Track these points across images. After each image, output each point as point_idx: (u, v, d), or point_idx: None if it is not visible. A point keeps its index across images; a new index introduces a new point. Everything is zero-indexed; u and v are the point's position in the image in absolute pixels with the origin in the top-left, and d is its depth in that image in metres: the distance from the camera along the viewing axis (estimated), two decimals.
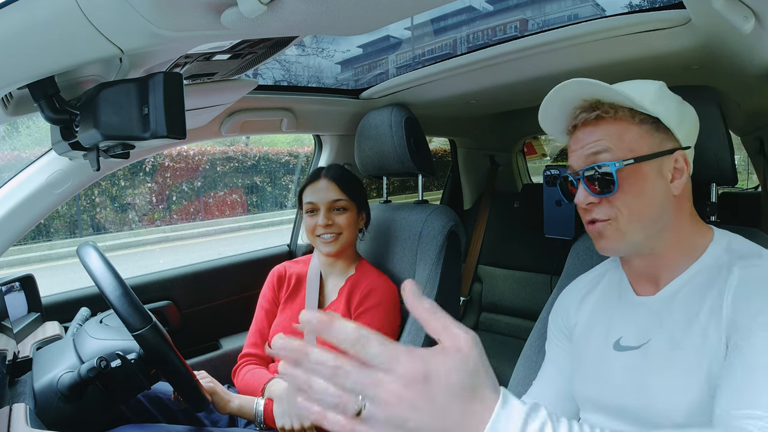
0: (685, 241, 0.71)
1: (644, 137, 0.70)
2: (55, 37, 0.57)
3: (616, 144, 0.69)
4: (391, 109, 1.43)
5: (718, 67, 1.10)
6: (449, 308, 1.27)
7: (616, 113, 0.70)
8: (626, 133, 0.70)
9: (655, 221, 0.69)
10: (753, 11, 0.77)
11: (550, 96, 0.74)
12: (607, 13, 1.28)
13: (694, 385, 0.63)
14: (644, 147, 0.69)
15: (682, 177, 0.70)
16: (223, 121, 1.43)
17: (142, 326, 0.83)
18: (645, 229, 0.69)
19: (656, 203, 0.69)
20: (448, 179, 2.60)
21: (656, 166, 0.69)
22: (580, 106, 0.73)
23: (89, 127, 0.67)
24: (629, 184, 0.68)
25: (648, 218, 0.69)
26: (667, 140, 0.70)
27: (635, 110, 0.70)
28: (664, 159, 0.69)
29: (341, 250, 1.27)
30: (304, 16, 0.62)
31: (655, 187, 0.69)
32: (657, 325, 0.70)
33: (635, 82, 0.74)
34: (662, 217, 0.69)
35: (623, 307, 0.77)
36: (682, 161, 0.70)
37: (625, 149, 0.69)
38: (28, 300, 1.21)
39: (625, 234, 0.69)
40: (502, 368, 1.71)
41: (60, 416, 0.85)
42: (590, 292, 0.85)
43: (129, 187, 7.11)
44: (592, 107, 0.72)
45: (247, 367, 1.24)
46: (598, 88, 0.69)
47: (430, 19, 16.40)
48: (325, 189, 1.26)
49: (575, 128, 0.75)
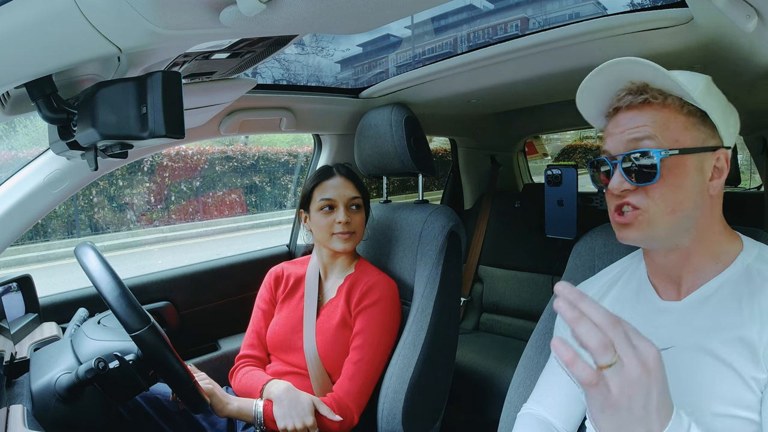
0: (713, 244, 0.70)
1: (690, 129, 0.67)
2: (52, 35, 0.57)
3: (662, 132, 0.66)
4: (391, 108, 1.43)
5: (721, 66, 1.10)
6: (450, 309, 1.27)
7: (665, 100, 0.67)
8: (673, 123, 0.67)
9: (687, 217, 0.67)
10: (756, 10, 0.76)
11: (594, 73, 0.71)
12: (609, 11, 1.28)
13: (726, 386, 0.62)
14: (689, 139, 0.67)
15: (721, 177, 0.68)
16: (221, 120, 1.43)
17: (140, 327, 0.82)
18: (675, 223, 0.67)
19: (692, 199, 0.67)
20: (448, 179, 2.59)
21: (698, 161, 0.67)
22: (627, 88, 0.70)
23: (87, 127, 0.66)
24: (671, 175, 0.65)
25: (681, 213, 0.67)
26: (711, 137, 0.68)
27: (684, 101, 0.67)
28: (706, 155, 0.67)
29: (352, 249, 1.27)
30: (304, 14, 0.62)
31: (695, 182, 0.67)
32: (682, 331, 0.68)
33: (684, 73, 0.71)
34: (694, 214, 0.67)
35: (645, 310, 0.75)
36: (723, 160, 0.68)
37: (671, 139, 0.66)
38: (25, 300, 1.21)
39: (653, 226, 0.67)
40: (503, 369, 1.72)
41: (57, 418, 0.84)
42: (606, 294, 0.83)
43: (127, 187, 7.10)
44: (639, 90, 0.68)
45: (244, 368, 1.23)
46: (652, 70, 0.66)
47: (431, 17, 16.41)
48: (343, 186, 1.25)
49: (617, 111, 0.71)
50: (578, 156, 12.25)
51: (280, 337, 1.24)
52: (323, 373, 1.18)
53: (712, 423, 0.62)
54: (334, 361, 1.18)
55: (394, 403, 1.15)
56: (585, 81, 0.73)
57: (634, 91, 0.69)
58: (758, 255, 0.69)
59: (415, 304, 1.26)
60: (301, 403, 1.06)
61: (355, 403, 1.12)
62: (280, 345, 1.24)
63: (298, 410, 1.05)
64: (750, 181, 2.32)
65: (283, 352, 1.24)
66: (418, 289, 1.27)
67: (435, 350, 1.21)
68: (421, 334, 1.20)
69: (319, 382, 1.17)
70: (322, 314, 1.25)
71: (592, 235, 1.03)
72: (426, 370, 1.19)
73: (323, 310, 1.25)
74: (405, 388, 1.15)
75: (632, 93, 0.69)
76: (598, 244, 1.00)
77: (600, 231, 1.02)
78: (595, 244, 1.00)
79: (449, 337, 1.28)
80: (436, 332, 1.21)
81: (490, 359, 1.80)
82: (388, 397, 1.16)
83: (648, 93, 0.68)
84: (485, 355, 1.85)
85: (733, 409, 0.61)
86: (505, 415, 0.99)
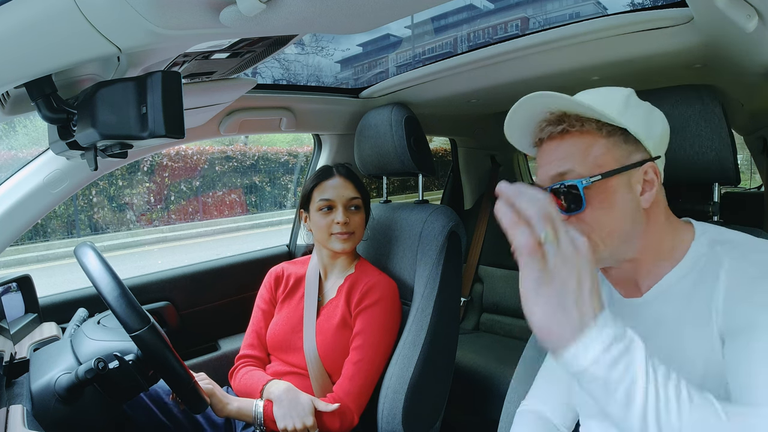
0: (660, 246, 0.70)
1: (611, 150, 0.67)
2: (52, 35, 0.57)
3: (582, 160, 0.67)
4: (391, 108, 1.42)
5: (721, 66, 1.10)
6: (450, 309, 1.27)
7: (582, 126, 0.68)
8: (593, 147, 0.67)
9: (626, 234, 0.68)
10: (756, 9, 0.76)
11: (514, 109, 0.72)
12: (609, 11, 1.28)
13: (694, 373, 0.62)
14: (611, 161, 0.67)
15: (652, 189, 0.68)
16: (221, 120, 1.43)
17: (140, 327, 0.82)
18: (615, 243, 0.68)
19: (627, 216, 0.67)
20: (448, 179, 2.59)
21: (625, 179, 0.67)
22: (547, 119, 0.71)
23: (87, 127, 0.66)
24: (598, 200, 0.66)
25: (618, 232, 0.67)
26: (635, 151, 0.68)
27: (602, 122, 0.67)
28: (632, 172, 0.67)
29: (351, 249, 1.27)
30: (304, 14, 0.62)
31: (625, 200, 0.67)
32: (648, 323, 0.69)
33: (602, 91, 0.72)
34: (634, 229, 0.68)
35: (611, 309, 0.75)
36: (652, 173, 0.68)
37: (592, 165, 0.67)
38: (25, 301, 1.21)
39: (597, 249, 0.68)
40: (503, 369, 1.72)
41: (57, 418, 0.84)
42: None
43: (127, 187, 7.11)
44: (558, 120, 0.69)
45: (244, 368, 1.23)
46: (561, 100, 0.67)
47: (431, 17, 16.42)
48: (342, 186, 1.25)
49: (541, 141, 0.72)
50: None
51: (280, 337, 1.24)
52: (323, 374, 1.18)
53: None
54: (334, 361, 1.18)
55: (394, 403, 1.15)
56: (507, 117, 0.74)
57: (553, 121, 0.70)
58: (710, 240, 0.69)
59: (415, 304, 1.26)
60: (301, 404, 1.06)
61: (355, 404, 1.12)
62: (280, 345, 1.24)
63: (298, 410, 1.05)
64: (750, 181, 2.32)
65: (283, 352, 1.24)
66: (418, 289, 1.27)
67: (435, 350, 1.21)
68: (421, 334, 1.20)
69: (319, 382, 1.17)
70: (322, 314, 1.25)
71: None
72: (426, 370, 1.19)
73: (323, 311, 1.25)
74: (405, 389, 1.15)
75: (552, 123, 0.70)
76: None
77: None
78: None
79: (449, 337, 1.28)
80: (436, 332, 1.21)
81: (490, 359, 1.80)
82: (388, 397, 1.16)
83: (566, 122, 0.68)
84: (485, 355, 1.85)
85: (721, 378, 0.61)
86: (505, 416, 0.99)
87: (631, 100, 0.70)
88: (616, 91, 0.71)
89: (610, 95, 0.70)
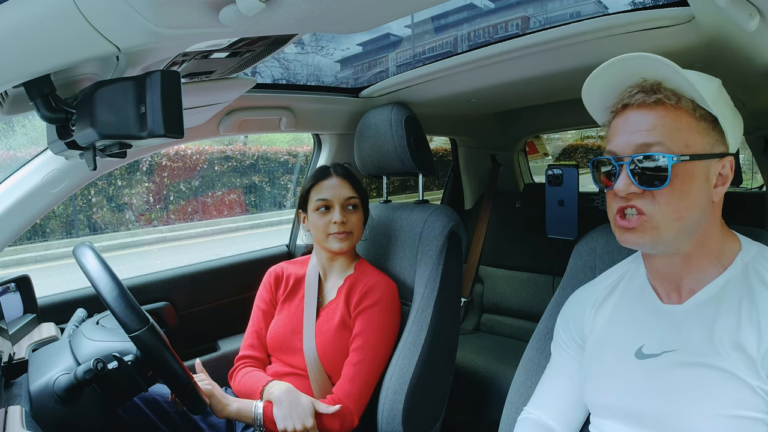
0: (713, 247, 0.69)
1: (701, 134, 0.65)
2: (51, 35, 0.57)
3: (673, 136, 0.64)
4: (391, 107, 1.42)
5: (722, 65, 1.09)
6: (450, 309, 1.26)
7: (678, 102, 0.64)
8: (685, 126, 0.64)
9: (692, 224, 0.66)
10: (758, 9, 0.76)
11: (603, 67, 0.68)
12: (610, 10, 1.27)
13: (730, 390, 0.61)
14: (699, 145, 0.64)
15: (725, 184, 0.67)
16: (221, 120, 1.42)
17: (139, 327, 0.82)
18: (680, 229, 0.65)
19: (698, 205, 0.65)
20: (448, 179, 2.59)
21: (706, 167, 0.65)
22: (639, 85, 0.67)
23: (86, 126, 0.66)
24: (680, 181, 0.63)
25: (686, 219, 0.65)
26: (719, 143, 0.66)
27: (696, 104, 0.65)
28: (713, 162, 0.66)
29: (349, 249, 1.26)
30: (304, 13, 0.61)
31: (701, 189, 0.65)
32: (685, 335, 0.68)
33: (696, 73, 0.68)
34: (700, 220, 0.66)
35: (647, 314, 0.74)
36: (728, 168, 0.67)
37: (681, 143, 0.64)
38: (23, 301, 1.21)
39: (659, 232, 0.65)
40: (503, 370, 1.72)
41: (56, 419, 0.84)
42: (607, 298, 0.82)
43: (126, 187, 7.10)
44: (652, 89, 0.65)
45: (244, 369, 1.22)
46: (667, 68, 0.63)
47: (431, 16, 16.42)
48: (339, 186, 1.25)
49: (625, 108, 0.68)
50: (579, 156, 12.25)
51: (280, 338, 1.24)
52: (323, 375, 1.18)
53: (718, 423, 0.61)
54: (334, 362, 1.17)
55: (394, 404, 1.15)
56: (595, 72, 0.70)
57: (647, 89, 0.66)
58: (757, 254, 0.68)
59: (415, 305, 1.25)
60: (301, 405, 1.06)
61: (355, 405, 1.11)
62: (280, 346, 1.24)
63: (299, 412, 1.05)
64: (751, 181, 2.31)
65: (283, 353, 1.24)
66: (418, 290, 1.26)
67: (435, 351, 1.21)
68: (421, 334, 1.20)
69: (319, 383, 1.17)
70: (321, 315, 1.24)
71: (593, 235, 1.03)
72: (426, 370, 1.18)
73: (323, 312, 1.25)
74: (405, 389, 1.15)
75: (645, 91, 0.66)
76: (599, 244, 1.00)
77: (601, 231, 1.02)
78: (596, 245, 1.00)
79: (449, 337, 1.28)
80: (436, 333, 1.21)
81: (491, 360, 1.80)
82: (388, 398, 1.16)
83: (662, 93, 0.65)
84: (486, 355, 1.84)
85: (739, 410, 0.61)
86: (506, 416, 0.99)
87: (722, 91, 0.68)
88: (710, 79, 0.69)
89: (705, 80, 0.67)
